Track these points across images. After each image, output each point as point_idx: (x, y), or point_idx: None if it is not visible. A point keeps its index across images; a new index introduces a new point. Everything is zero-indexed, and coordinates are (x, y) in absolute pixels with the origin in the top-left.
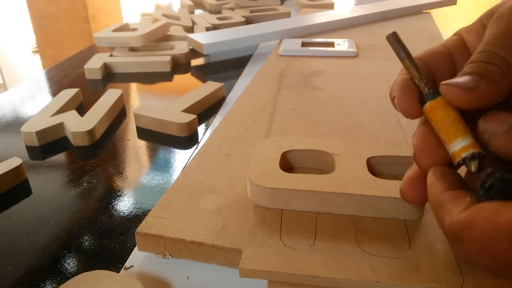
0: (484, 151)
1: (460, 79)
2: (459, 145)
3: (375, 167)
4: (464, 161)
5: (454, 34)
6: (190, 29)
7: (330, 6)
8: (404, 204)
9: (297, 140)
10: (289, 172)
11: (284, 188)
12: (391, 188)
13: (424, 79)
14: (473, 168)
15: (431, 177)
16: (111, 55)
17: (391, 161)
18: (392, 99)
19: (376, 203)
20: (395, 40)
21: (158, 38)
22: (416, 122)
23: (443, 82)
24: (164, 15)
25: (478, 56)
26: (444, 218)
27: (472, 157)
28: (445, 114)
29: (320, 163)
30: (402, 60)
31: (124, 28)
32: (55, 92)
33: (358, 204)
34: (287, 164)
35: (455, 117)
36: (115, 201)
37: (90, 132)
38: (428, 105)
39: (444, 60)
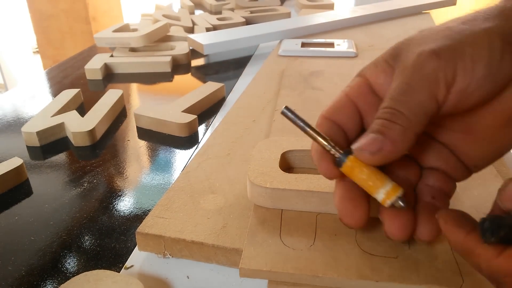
0: (403, 190)
1: (365, 141)
2: (382, 194)
3: None
4: (393, 205)
5: (358, 75)
6: (190, 30)
7: (330, 7)
8: None
9: (297, 140)
10: (289, 172)
11: (284, 188)
12: None
13: (331, 143)
14: (402, 205)
15: (444, 226)
16: (111, 56)
17: None
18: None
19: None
20: (290, 113)
21: (159, 39)
22: None
23: (354, 147)
24: (165, 16)
25: (383, 112)
26: (479, 263)
27: (398, 199)
28: (360, 170)
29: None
30: (304, 132)
31: (125, 28)
32: (55, 92)
33: None
34: (287, 164)
35: (370, 171)
36: (115, 201)
37: (91, 132)
38: (343, 166)
39: (348, 113)
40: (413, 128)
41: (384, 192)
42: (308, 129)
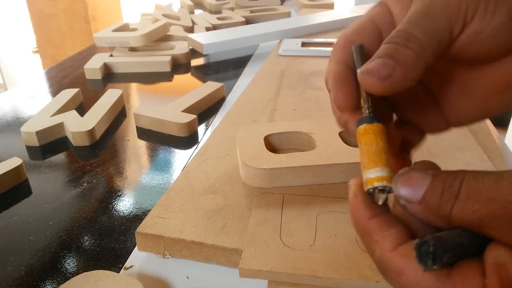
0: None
1: (374, 65)
2: (376, 174)
3: (346, 139)
4: (374, 190)
5: (379, 4)
6: (190, 29)
7: (330, 6)
8: None
9: (273, 125)
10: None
11: (281, 167)
12: None
13: (370, 101)
14: (380, 201)
15: (353, 199)
16: (111, 55)
17: None
18: (328, 90)
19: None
20: (359, 52)
21: (158, 38)
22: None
23: (359, 71)
24: (164, 15)
25: (396, 35)
26: (373, 249)
27: (383, 189)
28: (374, 141)
29: (297, 143)
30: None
31: (124, 28)
32: (55, 92)
33: (345, 172)
34: (270, 146)
35: (382, 147)
36: (115, 201)
37: (90, 132)
38: (363, 127)
39: (372, 36)
40: (426, 56)
41: (380, 174)
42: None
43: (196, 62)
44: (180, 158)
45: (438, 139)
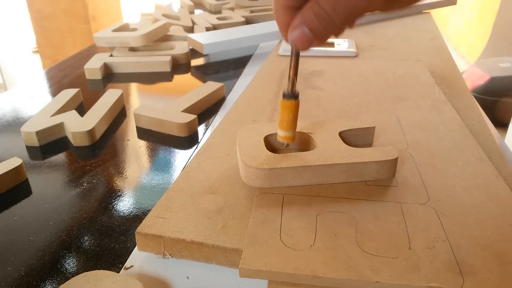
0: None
1: (297, 36)
2: (283, 134)
3: (346, 139)
4: (282, 143)
5: None
6: (190, 29)
7: None
8: (382, 166)
9: (273, 125)
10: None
11: (281, 167)
12: (369, 154)
13: (294, 81)
14: (284, 146)
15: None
16: (111, 55)
17: (356, 133)
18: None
19: (360, 168)
20: (296, 57)
21: (158, 38)
22: (416, 121)
23: (289, 39)
24: (164, 15)
25: (318, 9)
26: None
27: (286, 144)
28: (288, 113)
29: (297, 143)
30: (291, 57)
31: (124, 28)
32: (55, 92)
33: (346, 171)
34: (270, 146)
35: (292, 118)
36: (115, 201)
37: (90, 132)
38: (283, 100)
39: None
40: (339, 28)
41: (286, 135)
42: (294, 58)
43: (196, 62)
44: (180, 158)
45: (438, 139)
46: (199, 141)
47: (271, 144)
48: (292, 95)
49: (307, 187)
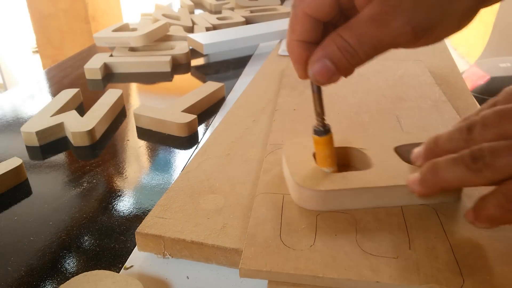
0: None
1: (319, 69)
2: (328, 170)
3: (402, 155)
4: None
5: None
6: (190, 29)
7: None
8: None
9: None
10: None
11: (339, 188)
12: None
13: (322, 116)
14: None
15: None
16: (111, 55)
17: (410, 148)
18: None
19: None
20: (318, 94)
21: (158, 38)
22: (416, 121)
23: (309, 72)
24: (164, 15)
25: (342, 40)
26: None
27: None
28: (324, 148)
29: (347, 159)
30: (313, 93)
31: (124, 28)
32: (55, 92)
33: (409, 194)
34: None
35: (328, 153)
36: (115, 201)
37: (90, 132)
38: (317, 137)
39: (331, 12)
40: (363, 61)
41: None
42: (317, 93)
43: (196, 62)
44: (180, 158)
45: None
46: (199, 141)
47: None
48: (324, 131)
49: None
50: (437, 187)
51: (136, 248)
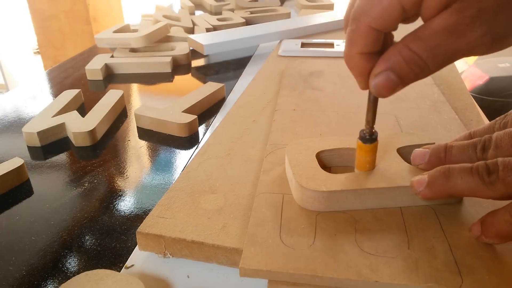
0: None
1: (382, 82)
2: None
3: (404, 156)
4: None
5: None
6: (191, 30)
7: (330, 7)
8: None
9: (323, 140)
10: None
11: (341, 189)
12: None
13: (372, 124)
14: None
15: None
16: (112, 56)
17: (412, 150)
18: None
19: None
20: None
21: (159, 39)
22: (415, 121)
23: (371, 83)
24: (165, 16)
25: (409, 53)
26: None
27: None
28: (367, 154)
29: (349, 160)
30: (369, 102)
31: (125, 29)
32: (56, 92)
33: (413, 195)
34: (322, 164)
35: (369, 160)
36: (116, 201)
37: (91, 133)
38: (359, 143)
39: (397, 24)
40: (431, 72)
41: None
42: (372, 103)
43: (196, 63)
44: (181, 158)
45: (437, 140)
46: (199, 141)
47: (322, 162)
48: (371, 139)
49: None
50: (445, 193)
51: (137, 247)
